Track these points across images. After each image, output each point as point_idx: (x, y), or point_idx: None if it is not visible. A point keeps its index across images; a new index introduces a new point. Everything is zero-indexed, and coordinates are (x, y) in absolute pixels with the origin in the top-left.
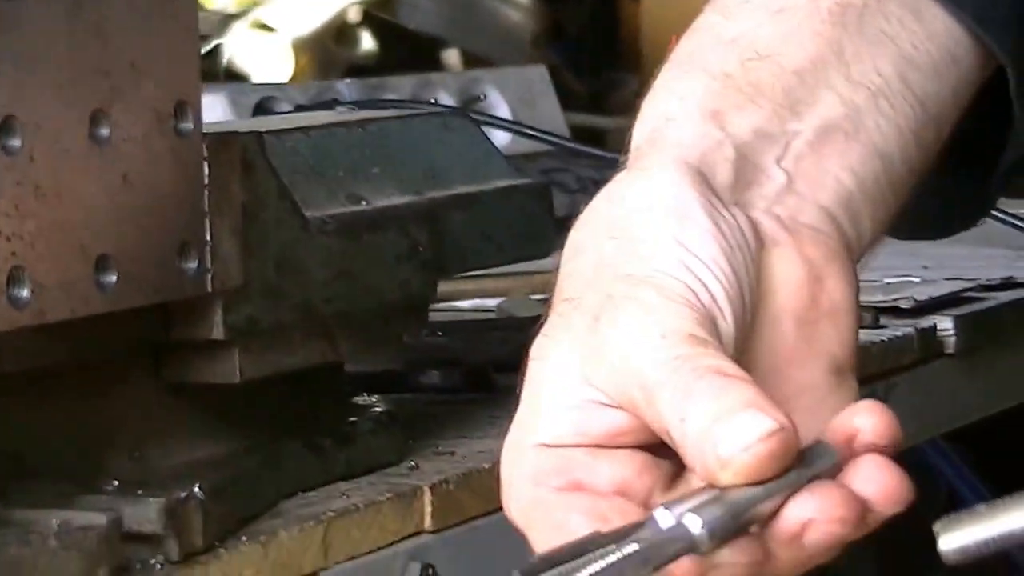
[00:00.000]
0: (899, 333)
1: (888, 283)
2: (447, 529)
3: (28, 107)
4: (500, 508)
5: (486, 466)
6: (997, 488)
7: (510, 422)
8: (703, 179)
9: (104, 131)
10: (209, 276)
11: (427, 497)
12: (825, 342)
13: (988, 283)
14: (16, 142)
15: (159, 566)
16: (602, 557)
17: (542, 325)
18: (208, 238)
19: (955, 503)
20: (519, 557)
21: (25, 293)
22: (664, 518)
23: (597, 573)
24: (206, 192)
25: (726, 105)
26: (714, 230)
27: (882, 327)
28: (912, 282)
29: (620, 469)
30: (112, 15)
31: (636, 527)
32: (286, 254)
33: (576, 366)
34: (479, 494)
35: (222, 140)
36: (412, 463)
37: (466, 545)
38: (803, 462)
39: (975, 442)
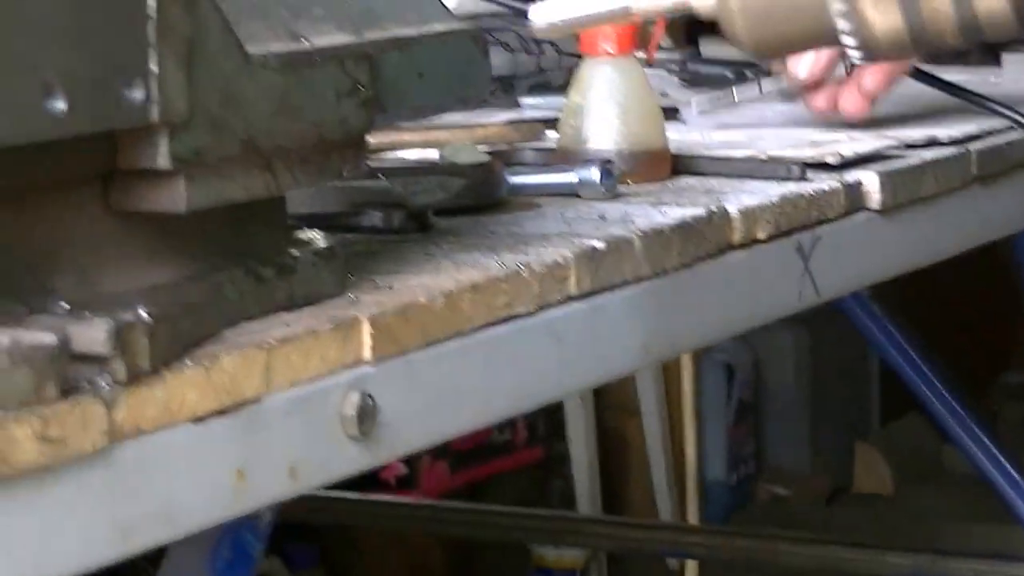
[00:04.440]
0: (825, 187)
1: (815, 141)
2: (385, 360)
3: None
4: (437, 341)
5: (422, 300)
6: (916, 337)
7: (445, 259)
8: None
9: None
10: (155, 107)
11: (366, 328)
12: None
13: (912, 143)
14: None
15: (106, 386)
16: None
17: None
18: (154, 69)
19: (889, 378)
20: (453, 387)
21: None
22: None
23: None
24: (151, 23)
25: None
26: None
27: (808, 181)
28: (838, 140)
29: None
30: None
31: None
32: (230, 88)
33: None
34: (416, 326)
35: None
36: (352, 296)
37: (404, 377)
38: None
39: (896, 294)
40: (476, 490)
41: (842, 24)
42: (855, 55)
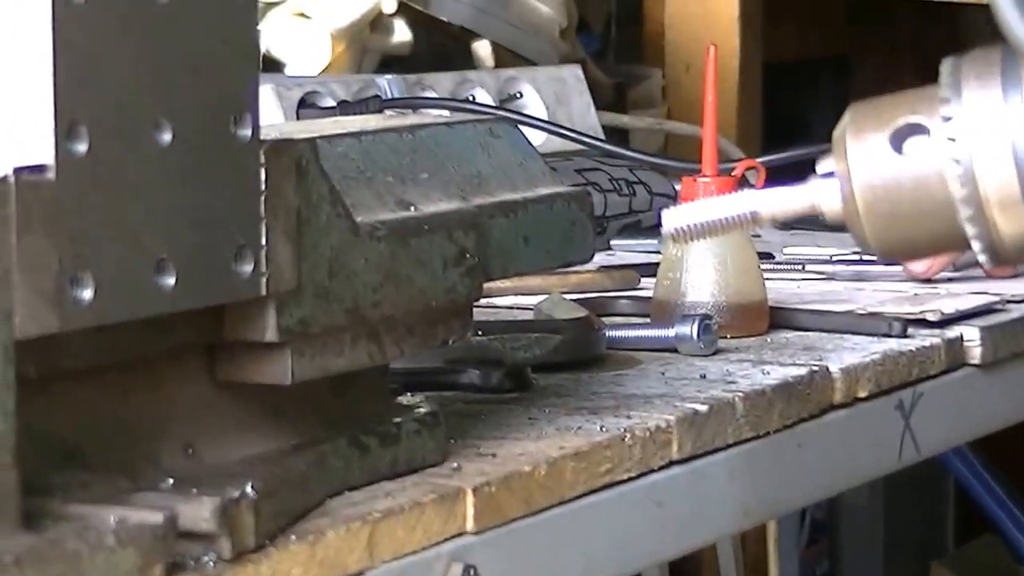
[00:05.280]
0: (927, 343)
1: (916, 295)
2: (488, 530)
3: (93, 112)
4: (539, 510)
5: (526, 468)
6: (1007, 484)
7: (547, 424)
8: None
9: (166, 136)
10: (264, 279)
11: (469, 499)
12: None
13: (1012, 298)
14: (81, 146)
15: (212, 564)
16: None
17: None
18: (263, 242)
19: (964, 497)
20: (555, 554)
21: (87, 294)
22: None
23: None
24: (262, 197)
25: None
26: None
27: (910, 337)
28: (938, 294)
29: None
30: (176, 22)
31: None
32: (337, 258)
33: None
34: (519, 496)
35: (278, 147)
36: (454, 464)
37: (507, 546)
38: None
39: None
40: None
41: (969, 229)
42: (982, 258)
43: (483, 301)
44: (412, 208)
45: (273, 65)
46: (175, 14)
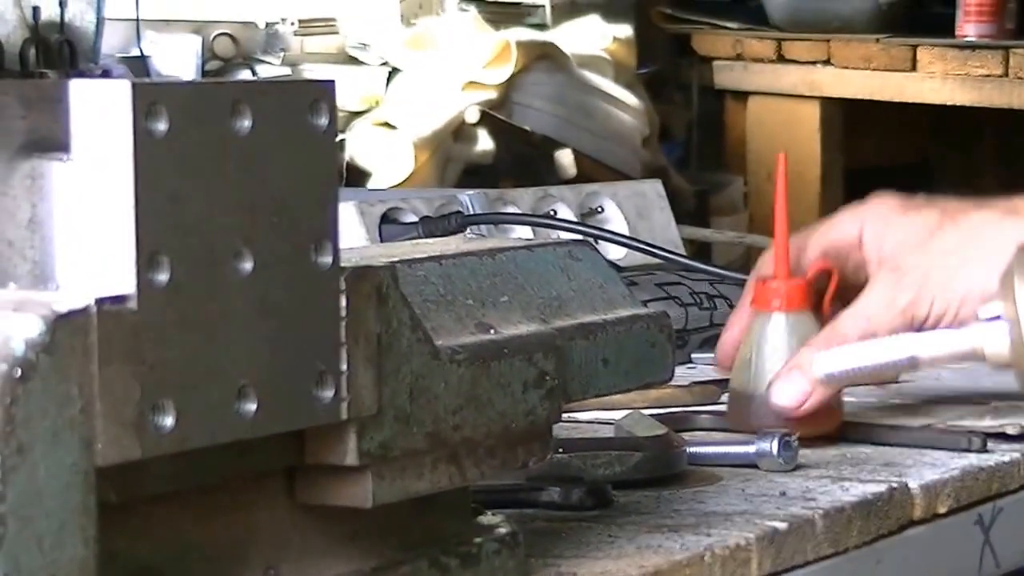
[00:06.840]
0: (1006, 459)
1: (996, 407)
2: None
3: (174, 241)
4: None
5: None
6: None
7: (627, 542)
8: None
9: (247, 265)
10: (344, 404)
11: None
12: None
13: None
14: (163, 276)
15: None
16: None
17: None
18: (344, 368)
19: None
20: None
21: (169, 422)
22: None
23: None
24: (343, 324)
25: None
26: None
27: (989, 452)
28: (1019, 408)
29: None
30: (256, 152)
31: None
32: (418, 382)
33: None
34: None
35: (358, 273)
36: None
37: None
38: None
39: None
40: None
41: None
42: None
43: (564, 415)
44: (492, 331)
45: (357, 174)
46: (256, 144)
